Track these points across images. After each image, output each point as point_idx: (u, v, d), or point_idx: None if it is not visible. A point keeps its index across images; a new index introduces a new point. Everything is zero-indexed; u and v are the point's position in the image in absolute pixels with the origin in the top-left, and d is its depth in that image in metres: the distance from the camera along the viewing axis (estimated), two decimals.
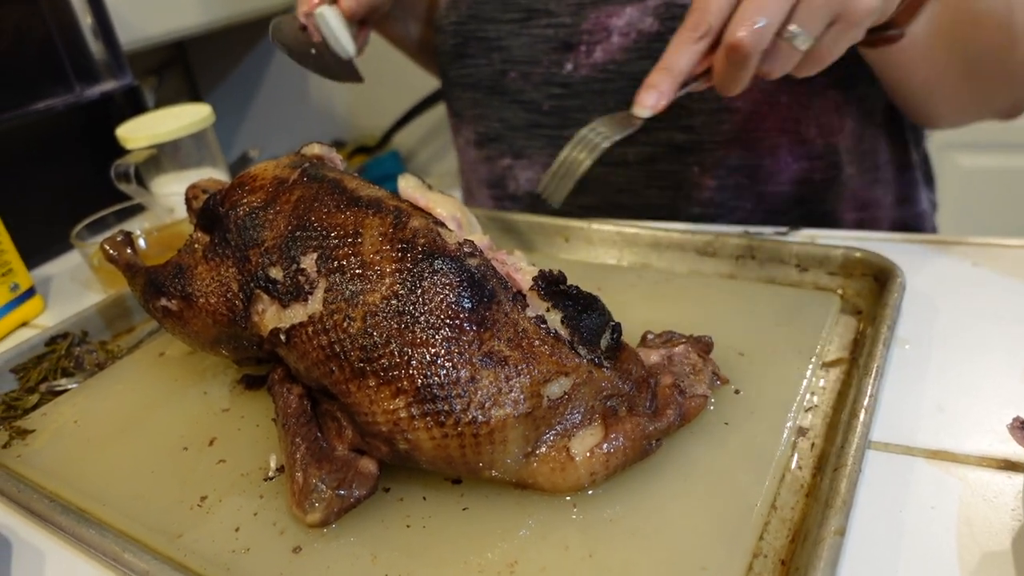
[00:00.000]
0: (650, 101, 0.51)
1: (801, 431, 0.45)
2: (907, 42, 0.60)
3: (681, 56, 0.51)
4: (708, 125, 0.73)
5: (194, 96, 1.93)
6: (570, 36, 0.74)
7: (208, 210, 0.48)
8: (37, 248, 0.85)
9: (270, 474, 0.45)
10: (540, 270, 0.43)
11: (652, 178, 0.77)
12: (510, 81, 0.79)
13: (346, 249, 0.41)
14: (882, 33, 0.59)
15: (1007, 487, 0.39)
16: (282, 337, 0.42)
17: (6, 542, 0.45)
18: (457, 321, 0.39)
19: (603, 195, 0.80)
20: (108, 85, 0.94)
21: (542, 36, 0.75)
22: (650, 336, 0.50)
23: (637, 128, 0.49)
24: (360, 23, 0.79)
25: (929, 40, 0.61)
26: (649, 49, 0.70)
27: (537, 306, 0.42)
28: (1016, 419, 0.38)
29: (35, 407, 0.57)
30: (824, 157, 0.74)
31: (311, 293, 0.41)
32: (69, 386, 0.59)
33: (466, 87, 0.84)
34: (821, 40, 0.51)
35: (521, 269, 0.44)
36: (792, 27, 0.49)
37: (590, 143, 0.50)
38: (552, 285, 0.43)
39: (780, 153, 0.74)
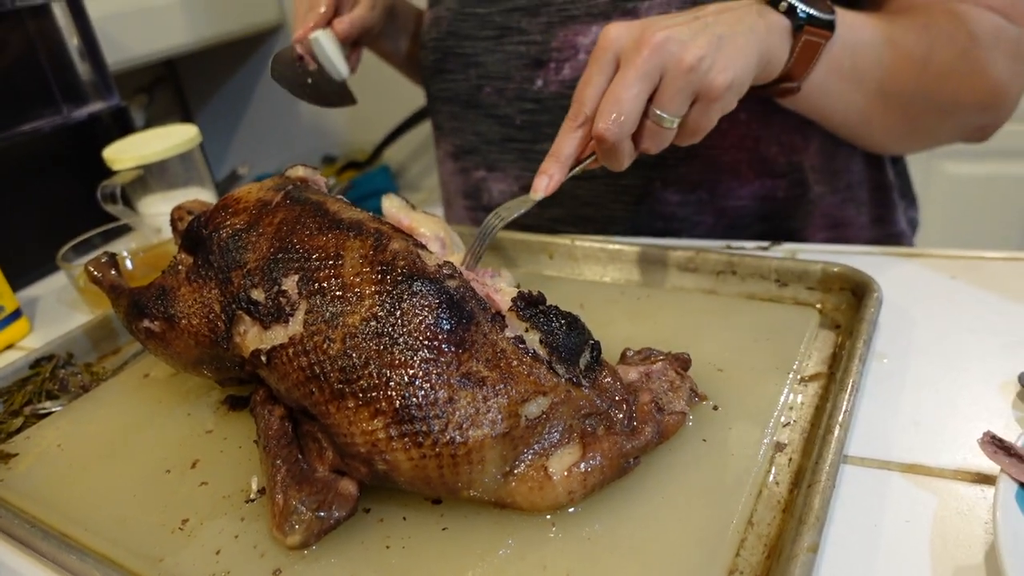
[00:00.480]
0: (542, 185, 0.56)
1: (779, 446, 0.45)
2: (809, 89, 0.61)
3: (565, 144, 0.56)
4: None
5: (184, 113, 1.94)
6: (541, 53, 0.76)
7: (192, 232, 0.48)
8: (22, 269, 0.85)
9: (252, 496, 0.45)
10: (519, 291, 0.44)
11: (616, 192, 0.78)
12: (485, 96, 0.81)
13: (327, 271, 0.42)
14: (777, 87, 0.61)
15: (981, 500, 0.40)
16: (263, 358, 0.42)
17: None
18: (436, 342, 0.39)
19: (570, 207, 0.81)
20: (95, 106, 0.95)
21: (515, 53, 0.77)
22: (629, 353, 0.51)
23: (533, 206, 0.57)
24: (353, 44, 0.80)
25: (834, 85, 0.62)
26: None
27: (516, 327, 0.43)
28: (986, 434, 0.38)
29: (19, 430, 0.56)
30: (788, 175, 0.75)
31: (292, 315, 0.42)
32: (53, 409, 0.59)
33: (445, 101, 0.86)
34: (689, 116, 0.55)
35: (501, 290, 0.44)
36: (657, 111, 0.53)
37: (491, 225, 0.58)
38: (531, 306, 0.43)
39: (741, 169, 0.74)
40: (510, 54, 0.77)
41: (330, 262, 0.42)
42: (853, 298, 0.56)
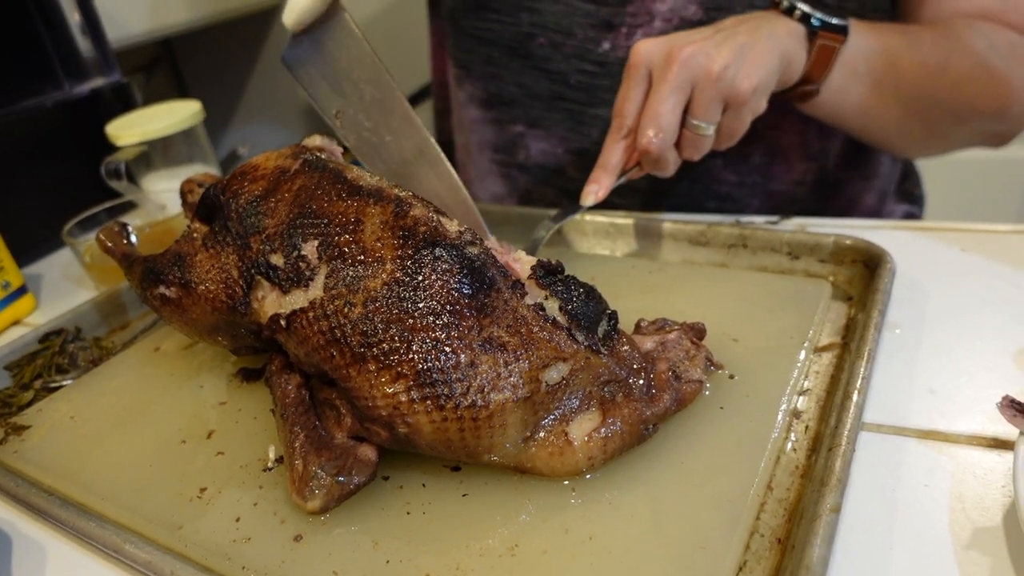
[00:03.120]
0: (591, 192, 0.60)
1: (795, 414, 0.45)
2: (827, 93, 0.63)
3: (612, 154, 0.60)
4: None
5: (181, 94, 1.92)
6: (613, 16, 0.73)
7: (208, 199, 0.48)
8: (27, 246, 0.85)
9: (269, 465, 0.45)
10: (539, 259, 0.44)
11: None
12: (536, 47, 0.77)
13: (347, 236, 0.42)
14: (797, 90, 0.63)
15: (997, 464, 0.40)
16: (282, 323, 0.42)
17: (6, 538, 0.45)
18: (457, 307, 0.39)
19: None
20: (97, 82, 0.94)
21: (582, 10, 0.74)
22: (643, 323, 0.51)
23: (583, 210, 0.63)
24: None
25: (851, 88, 0.64)
26: None
27: (536, 294, 0.42)
28: (1005, 397, 0.39)
29: (30, 403, 0.56)
30: (818, 159, 0.75)
31: (312, 279, 0.42)
32: (64, 382, 0.59)
33: (480, 41, 0.81)
34: (723, 122, 0.59)
35: (520, 259, 0.44)
36: (693, 120, 0.57)
37: (540, 237, 0.63)
38: (550, 274, 0.43)
39: (791, 151, 0.75)
40: (575, 9, 0.74)
41: (350, 227, 0.42)
42: (865, 270, 0.57)
